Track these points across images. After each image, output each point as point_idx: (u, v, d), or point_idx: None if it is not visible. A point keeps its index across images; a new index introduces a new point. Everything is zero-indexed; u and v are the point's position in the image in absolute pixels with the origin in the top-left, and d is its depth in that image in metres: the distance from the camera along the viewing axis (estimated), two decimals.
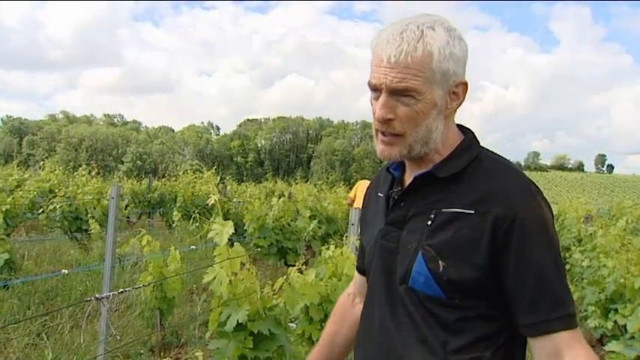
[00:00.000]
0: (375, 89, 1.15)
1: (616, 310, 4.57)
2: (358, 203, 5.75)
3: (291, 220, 7.88)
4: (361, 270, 1.47)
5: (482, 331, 1.12)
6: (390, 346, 1.19)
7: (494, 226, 1.08)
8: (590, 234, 6.95)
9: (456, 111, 1.21)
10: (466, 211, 1.11)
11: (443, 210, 1.14)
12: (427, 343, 1.14)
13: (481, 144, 1.25)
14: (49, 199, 8.83)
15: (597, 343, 5.48)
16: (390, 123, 1.15)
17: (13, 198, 7.80)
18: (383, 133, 1.17)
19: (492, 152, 1.23)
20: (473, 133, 1.26)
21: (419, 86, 1.11)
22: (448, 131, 1.21)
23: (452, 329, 1.12)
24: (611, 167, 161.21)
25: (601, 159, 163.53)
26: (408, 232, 1.18)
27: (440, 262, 1.11)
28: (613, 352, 3.53)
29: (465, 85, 1.18)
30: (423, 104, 1.12)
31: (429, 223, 1.15)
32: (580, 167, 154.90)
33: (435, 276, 1.12)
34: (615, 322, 4.53)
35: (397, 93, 1.12)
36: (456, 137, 1.23)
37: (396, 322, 1.19)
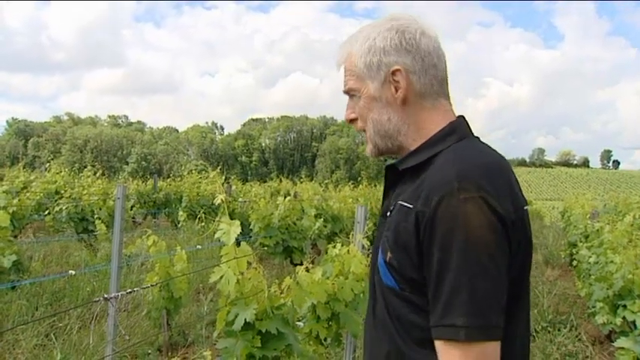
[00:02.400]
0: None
1: (624, 306, 4.54)
2: None
3: (297, 219, 7.88)
4: None
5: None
6: (370, 336, 1.25)
7: (416, 223, 1.07)
8: (597, 230, 6.91)
9: (425, 98, 1.19)
10: (407, 204, 1.11)
11: (398, 202, 1.16)
12: (386, 332, 1.15)
13: (481, 139, 1.22)
14: (55, 201, 8.86)
15: (606, 339, 5.46)
16: (354, 123, 1.28)
17: (19, 200, 7.82)
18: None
19: (476, 145, 1.17)
20: (460, 123, 1.21)
21: (354, 85, 1.23)
22: (418, 121, 1.20)
23: (409, 324, 1.12)
24: (617, 163, 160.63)
25: (607, 154, 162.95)
26: (383, 224, 1.23)
27: (388, 252, 1.13)
28: (622, 348, 3.52)
29: (400, 70, 1.16)
30: (364, 100, 1.22)
31: (388, 214, 1.18)
32: (585, 163, 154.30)
33: (387, 267, 1.14)
34: (624, 318, 4.51)
35: (349, 94, 1.26)
36: (436, 127, 1.20)
37: (374, 313, 1.23)
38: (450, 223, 1.01)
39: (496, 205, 1.03)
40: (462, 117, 1.24)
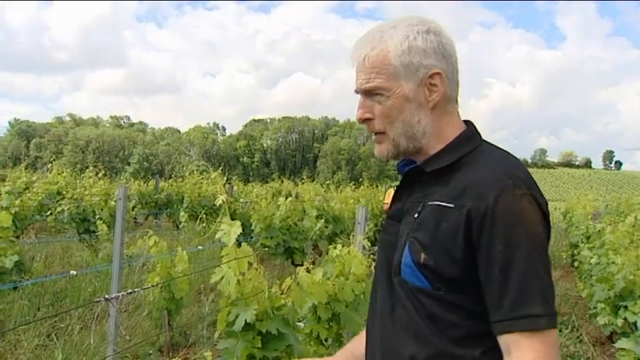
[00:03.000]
0: (357, 93, 1.24)
1: (626, 307, 4.54)
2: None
3: (298, 220, 7.89)
4: None
5: (473, 329, 1.11)
6: (387, 337, 1.21)
7: (467, 221, 1.08)
8: (599, 231, 6.90)
9: (449, 103, 1.22)
10: (447, 204, 1.12)
11: (428, 203, 1.16)
12: (418, 335, 1.14)
13: (488, 141, 1.25)
14: (57, 201, 8.88)
15: (607, 340, 5.46)
16: (370, 123, 1.22)
17: (21, 200, 7.84)
18: (373, 134, 1.24)
19: (496, 147, 1.22)
20: (474, 127, 1.26)
21: (384, 83, 1.17)
22: (441, 124, 1.21)
23: (441, 322, 1.12)
24: (619, 164, 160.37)
25: (609, 155, 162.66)
26: (403, 225, 1.21)
27: (422, 253, 1.13)
28: (623, 349, 3.51)
29: (440, 74, 1.17)
30: (394, 99, 1.17)
31: (416, 215, 1.18)
32: (587, 164, 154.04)
33: (418, 267, 1.13)
34: (625, 319, 4.51)
35: (369, 93, 1.20)
36: (454, 131, 1.23)
37: (392, 314, 1.20)
38: (512, 217, 1.06)
39: (541, 201, 1.11)
40: (469, 121, 1.28)
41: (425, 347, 1.13)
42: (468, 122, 1.27)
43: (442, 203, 1.13)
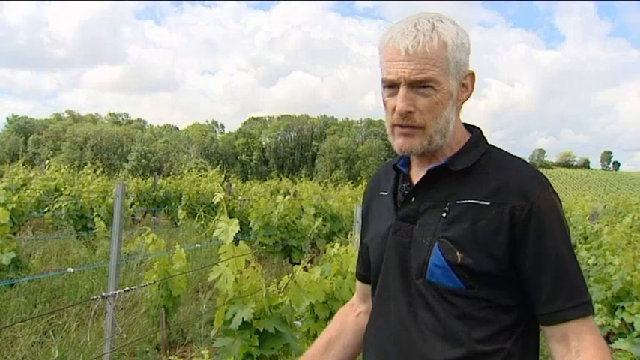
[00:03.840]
0: (392, 85, 1.15)
1: (623, 307, 4.55)
2: None
3: (296, 218, 7.88)
4: (362, 277, 1.46)
5: (503, 322, 1.13)
6: (409, 341, 1.18)
7: (511, 217, 1.10)
8: (596, 231, 6.92)
9: (462, 105, 1.24)
10: (482, 202, 1.13)
11: (457, 202, 1.16)
12: (449, 336, 1.14)
13: (487, 141, 1.27)
14: (55, 198, 8.87)
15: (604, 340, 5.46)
16: (411, 116, 1.15)
17: (19, 197, 7.84)
18: (401, 126, 1.17)
19: (500, 149, 1.25)
20: (480, 130, 1.27)
21: (437, 76, 1.12)
22: (457, 126, 1.23)
23: (473, 320, 1.13)
24: (617, 164, 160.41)
25: (607, 156, 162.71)
26: (420, 226, 1.19)
27: (457, 253, 1.12)
28: (620, 349, 3.52)
29: (473, 75, 1.20)
30: (441, 94, 1.14)
31: (444, 215, 1.16)
32: (586, 164, 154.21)
33: (453, 267, 1.13)
34: (622, 319, 4.51)
35: (416, 85, 1.13)
36: (462, 132, 1.25)
37: (414, 317, 1.18)
38: (555, 213, 1.13)
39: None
40: (470, 124, 1.31)
41: (457, 348, 1.13)
42: (468, 125, 1.28)
43: (477, 202, 1.14)
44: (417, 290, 1.18)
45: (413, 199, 1.23)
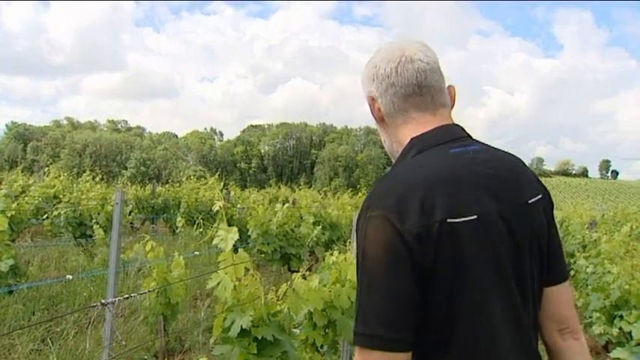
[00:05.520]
0: None
1: (621, 316, 4.55)
2: None
3: (295, 226, 7.89)
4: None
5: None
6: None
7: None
8: (595, 240, 6.93)
9: (391, 117, 1.29)
10: None
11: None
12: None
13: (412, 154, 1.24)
14: (54, 205, 8.86)
15: (602, 350, 5.45)
16: None
17: (18, 204, 7.82)
18: None
19: (391, 171, 1.24)
20: (415, 140, 1.23)
21: (368, 107, 1.35)
22: (400, 139, 1.29)
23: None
24: (615, 173, 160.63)
25: (605, 165, 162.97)
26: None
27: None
28: (619, 359, 3.52)
29: (369, 97, 1.32)
30: (374, 119, 1.36)
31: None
32: (584, 173, 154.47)
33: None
34: (620, 328, 4.52)
35: None
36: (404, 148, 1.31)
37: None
38: (360, 236, 1.20)
39: None
40: (444, 126, 1.24)
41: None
42: (433, 129, 1.24)
43: None
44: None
45: None
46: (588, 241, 7.57)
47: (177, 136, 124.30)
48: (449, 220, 1.06)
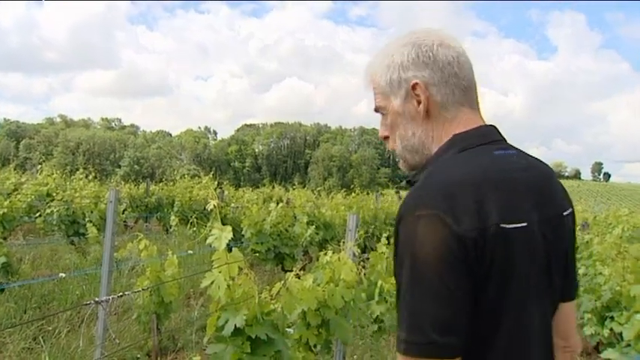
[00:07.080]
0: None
1: (612, 317, 4.58)
2: None
3: (289, 226, 7.89)
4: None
5: None
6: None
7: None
8: (587, 242, 6.97)
9: (444, 109, 1.17)
10: None
11: None
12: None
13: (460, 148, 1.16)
14: (47, 203, 8.81)
15: (593, 350, 5.49)
16: (387, 141, 1.27)
17: (10, 201, 7.78)
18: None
19: (442, 165, 1.13)
20: (461, 135, 1.16)
21: (381, 103, 1.24)
22: (441, 134, 1.18)
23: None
24: (607, 175, 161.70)
25: (598, 167, 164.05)
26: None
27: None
28: (609, 359, 3.55)
29: (419, 84, 1.16)
30: (390, 116, 1.23)
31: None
32: (577, 175, 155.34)
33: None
34: (611, 329, 4.55)
35: (380, 113, 1.27)
36: (444, 142, 1.20)
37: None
38: (404, 237, 1.13)
39: None
40: (485, 126, 1.20)
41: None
42: (477, 127, 1.18)
43: None
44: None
45: None
46: (580, 243, 7.62)
47: (171, 135, 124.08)
48: (502, 225, 1.02)
